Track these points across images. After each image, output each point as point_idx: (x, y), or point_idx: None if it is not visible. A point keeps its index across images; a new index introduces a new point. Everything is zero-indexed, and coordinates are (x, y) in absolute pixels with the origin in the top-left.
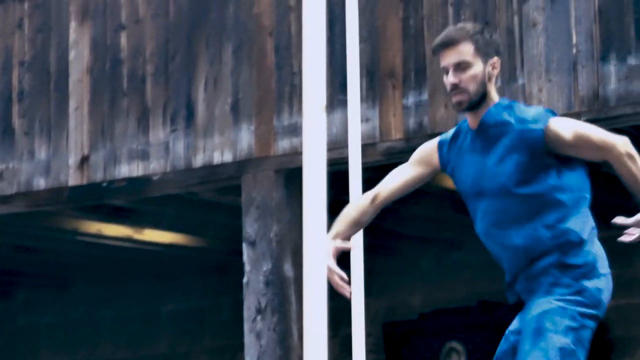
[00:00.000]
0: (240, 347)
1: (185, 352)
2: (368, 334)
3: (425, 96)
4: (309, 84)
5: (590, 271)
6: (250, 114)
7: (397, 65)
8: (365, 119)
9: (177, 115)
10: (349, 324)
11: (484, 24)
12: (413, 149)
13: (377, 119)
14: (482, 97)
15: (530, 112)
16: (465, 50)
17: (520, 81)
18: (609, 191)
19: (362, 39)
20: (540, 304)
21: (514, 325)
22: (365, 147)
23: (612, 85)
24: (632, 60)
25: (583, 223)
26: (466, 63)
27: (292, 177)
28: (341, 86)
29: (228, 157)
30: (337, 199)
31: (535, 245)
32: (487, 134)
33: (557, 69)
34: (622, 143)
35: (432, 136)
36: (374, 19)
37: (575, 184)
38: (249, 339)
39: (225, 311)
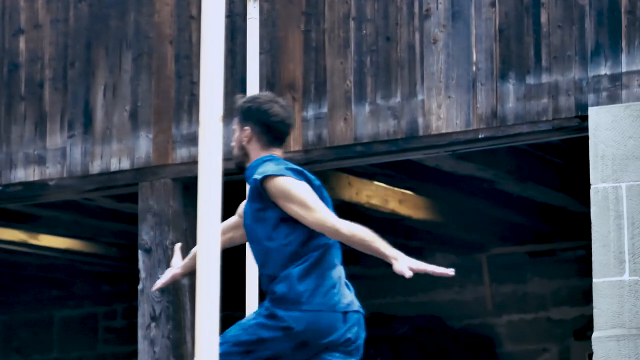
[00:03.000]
0: (134, 354)
1: (78, 358)
2: None
3: (324, 109)
4: (206, 93)
5: (286, 302)
6: (149, 122)
7: (298, 77)
8: None
9: (75, 121)
10: None
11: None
12: (311, 161)
13: None
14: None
15: (265, 167)
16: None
17: (419, 97)
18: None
19: (263, 51)
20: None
21: None
22: None
23: (511, 104)
24: (530, 80)
25: (286, 263)
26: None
27: (190, 186)
28: None
29: (125, 165)
30: (235, 208)
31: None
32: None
33: (456, 86)
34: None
35: (330, 149)
36: (275, 30)
37: (283, 236)
38: (142, 345)
39: (119, 318)
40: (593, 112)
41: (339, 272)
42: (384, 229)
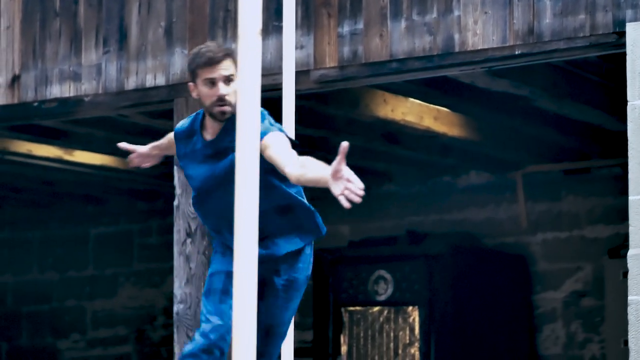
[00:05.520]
0: (170, 270)
1: (113, 274)
2: None
3: (360, 25)
4: (245, 7)
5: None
6: (184, 38)
7: None
8: (300, 46)
9: (110, 37)
10: None
11: None
12: (346, 78)
13: (311, 47)
14: None
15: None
16: (232, 66)
17: (456, 13)
18: None
19: None
20: None
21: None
22: (298, 75)
23: (547, 20)
24: None
25: None
26: (233, 77)
27: None
28: (276, 12)
29: (161, 81)
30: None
31: None
32: (223, 143)
33: (493, 2)
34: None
35: (365, 65)
36: None
37: None
38: (178, 262)
39: (155, 234)
40: (631, 28)
41: None
42: (419, 146)
